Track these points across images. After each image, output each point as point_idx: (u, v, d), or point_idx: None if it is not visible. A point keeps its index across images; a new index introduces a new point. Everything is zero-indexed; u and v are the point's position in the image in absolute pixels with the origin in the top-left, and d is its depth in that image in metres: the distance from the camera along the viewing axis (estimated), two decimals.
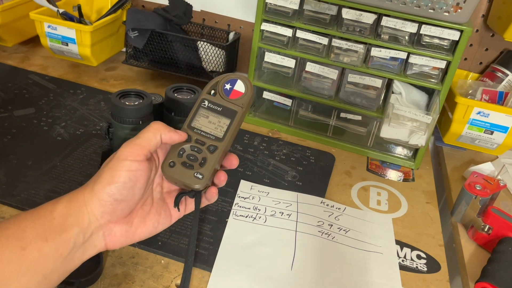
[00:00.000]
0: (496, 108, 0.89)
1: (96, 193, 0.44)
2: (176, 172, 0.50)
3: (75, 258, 0.45)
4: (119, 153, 0.46)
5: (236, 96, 0.53)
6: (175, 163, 0.50)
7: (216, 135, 0.52)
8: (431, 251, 0.71)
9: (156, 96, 0.72)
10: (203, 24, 1.15)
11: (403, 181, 0.88)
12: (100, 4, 1.18)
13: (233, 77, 0.54)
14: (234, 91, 0.53)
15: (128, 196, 0.46)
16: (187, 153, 0.51)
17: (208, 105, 0.53)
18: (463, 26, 0.78)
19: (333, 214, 0.75)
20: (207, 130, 0.52)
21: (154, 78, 1.12)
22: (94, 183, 0.45)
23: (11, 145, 0.80)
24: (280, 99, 0.97)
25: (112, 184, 0.44)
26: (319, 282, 0.62)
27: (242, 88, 0.53)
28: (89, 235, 0.45)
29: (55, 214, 0.43)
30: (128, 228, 0.48)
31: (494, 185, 0.76)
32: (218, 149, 0.51)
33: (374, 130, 0.94)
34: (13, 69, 1.07)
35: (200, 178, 0.50)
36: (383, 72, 0.87)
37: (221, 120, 0.52)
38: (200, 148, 0.51)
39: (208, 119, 0.52)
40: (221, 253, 0.65)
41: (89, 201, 0.45)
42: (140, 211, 0.49)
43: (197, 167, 0.50)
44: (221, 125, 0.52)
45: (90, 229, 0.45)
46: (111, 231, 0.47)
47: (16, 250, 0.40)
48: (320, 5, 0.85)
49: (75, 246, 0.44)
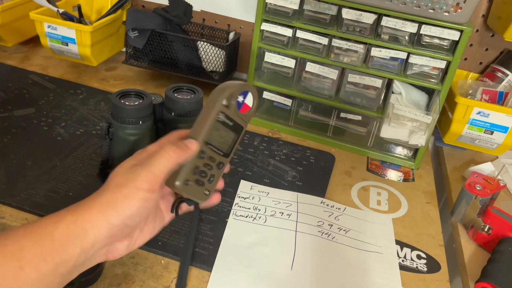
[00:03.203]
0: (496, 108, 0.89)
1: (108, 218, 0.43)
2: (188, 190, 0.48)
3: (74, 273, 0.43)
4: (134, 181, 0.44)
5: (245, 110, 0.51)
6: (190, 181, 0.48)
7: (224, 151, 0.50)
8: (431, 251, 0.71)
9: (156, 96, 0.72)
10: (203, 24, 1.15)
11: (403, 181, 0.88)
12: (100, 4, 1.18)
13: (245, 89, 0.51)
14: (244, 105, 0.51)
15: (140, 222, 0.46)
16: (200, 170, 0.49)
17: (222, 119, 0.50)
18: (463, 26, 0.78)
19: (333, 214, 0.75)
20: (217, 145, 0.50)
21: (154, 78, 1.12)
22: (107, 207, 0.43)
23: (11, 145, 0.80)
24: (280, 99, 0.97)
25: (127, 213, 0.43)
26: (319, 282, 0.62)
27: (250, 102, 0.51)
28: (91, 254, 0.44)
29: (55, 235, 0.41)
30: (129, 243, 0.48)
31: (494, 185, 0.76)
32: (224, 165, 0.50)
33: (374, 130, 0.93)
34: (13, 69, 1.07)
35: (207, 194, 0.49)
36: (383, 72, 0.87)
37: (229, 134, 0.50)
38: (211, 165, 0.49)
39: (218, 132, 0.50)
40: (221, 253, 0.65)
41: (97, 225, 0.43)
42: (141, 224, 0.49)
43: (206, 184, 0.49)
44: (228, 139, 0.50)
45: (93, 249, 0.43)
46: (114, 248, 0.46)
47: (14, 269, 0.39)
48: (320, 5, 0.85)
49: (75, 265, 0.42)
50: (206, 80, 1.04)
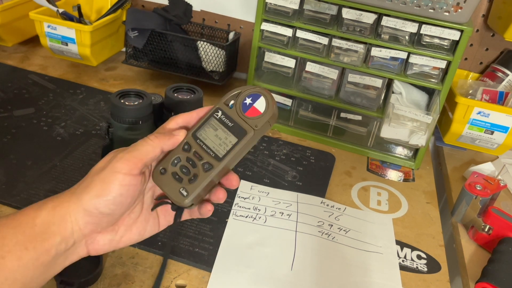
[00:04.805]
0: (496, 108, 0.89)
1: (82, 203, 0.42)
2: (163, 181, 0.46)
3: (57, 264, 0.43)
4: (113, 163, 0.43)
5: (252, 114, 0.47)
6: (166, 170, 0.46)
7: (217, 153, 0.46)
8: (432, 251, 0.71)
9: (156, 96, 0.72)
10: (203, 24, 1.15)
11: (403, 181, 0.88)
12: (100, 4, 1.18)
13: (257, 92, 0.47)
14: (252, 108, 0.47)
15: (115, 210, 0.44)
16: (181, 164, 0.46)
17: (220, 117, 0.47)
18: (464, 26, 0.78)
19: (333, 214, 0.75)
20: (210, 144, 0.47)
21: (154, 78, 1.12)
22: (82, 191, 0.43)
23: (11, 145, 0.80)
24: (280, 99, 0.96)
25: (101, 198, 0.42)
26: (319, 282, 0.62)
27: (262, 107, 0.47)
28: (72, 243, 0.43)
29: (37, 221, 0.41)
30: (112, 237, 0.46)
31: (494, 185, 0.76)
32: (213, 169, 0.46)
33: (374, 130, 0.93)
34: (12, 69, 1.07)
35: (184, 195, 0.46)
36: (383, 72, 0.86)
37: (228, 137, 0.46)
38: (195, 162, 0.46)
39: (216, 132, 0.47)
40: (221, 253, 0.65)
41: (74, 210, 0.42)
42: (127, 220, 0.47)
43: (185, 182, 0.46)
44: (226, 142, 0.46)
45: (73, 238, 0.43)
46: (93, 240, 0.45)
47: None
48: (320, 5, 0.85)
49: (57, 254, 0.42)
50: (206, 80, 1.04)
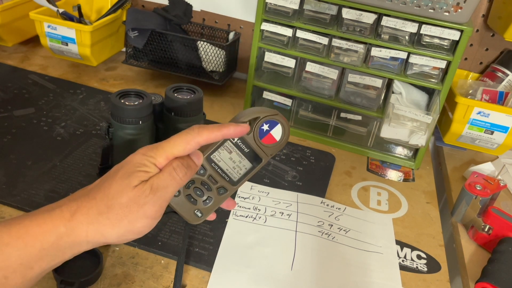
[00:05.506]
0: (496, 108, 0.89)
1: (104, 235, 0.41)
2: (177, 202, 0.46)
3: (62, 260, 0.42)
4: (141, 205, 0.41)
5: (269, 142, 0.47)
6: (180, 193, 0.46)
7: (231, 177, 0.47)
8: (431, 251, 0.71)
9: (156, 96, 0.72)
10: (203, 24, 1.15)
11: (403, 181, 0.88)
12: (100, 4, 1.18)
13: (276, 119, 0.47)
14: (269, 136, 0.47)
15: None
16: (195, 186, 0.46)
17: (236, 141, 0.47)
18: (463, 26, 0.78)
19: (333, 214, 0.75)
20: (224, 167, 0.47)
21: (154, 78, 1.12)
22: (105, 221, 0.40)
23: (11, 145, 0.80)
24: (280, 99, 0.96)
25: (125, 237, 0.41)
26: (319, 282, 0.62)
27: (278, 135, 0.47)
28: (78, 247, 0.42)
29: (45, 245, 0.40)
30: None
31: (494, 185, 0.76)
32: (227, 192, 0.47)
33: (374, 130, 0.93)
34: (13, 69, 1.07)
35: (199, 216, 0.47)
36: (383, 72, 0.86)
37: (243, 161, 0.47)
38: (210, 186, 0.47)
39: (230, 155, 0.47)
40: (221, 253, 0.65)
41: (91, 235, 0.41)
42: None
43: (199, 204, 0.47)
44: (240, 166, 0.47)
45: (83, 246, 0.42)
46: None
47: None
48: (320, 5, 0.85)
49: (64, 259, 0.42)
50: (206, 80, 1.04)
